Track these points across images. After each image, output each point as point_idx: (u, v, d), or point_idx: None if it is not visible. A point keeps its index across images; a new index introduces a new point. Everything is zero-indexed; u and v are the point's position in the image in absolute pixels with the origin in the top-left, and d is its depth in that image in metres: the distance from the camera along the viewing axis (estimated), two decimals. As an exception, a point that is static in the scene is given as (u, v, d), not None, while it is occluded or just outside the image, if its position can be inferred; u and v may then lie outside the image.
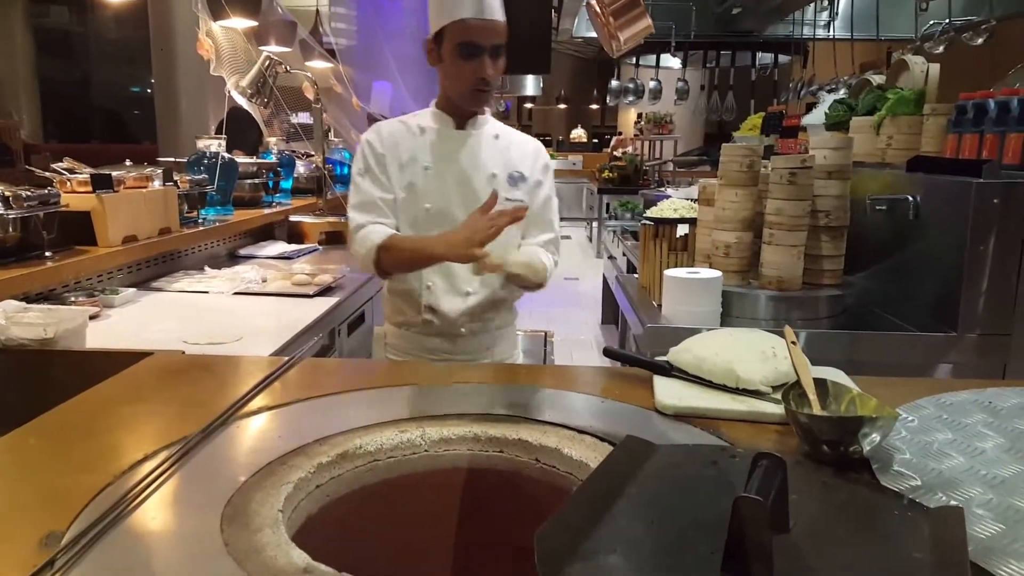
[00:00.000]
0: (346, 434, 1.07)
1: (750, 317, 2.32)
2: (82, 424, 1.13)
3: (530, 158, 1.86)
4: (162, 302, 2.26)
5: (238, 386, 1.27)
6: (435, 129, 1.81)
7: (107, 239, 2.23)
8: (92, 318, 1.94)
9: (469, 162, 1.79)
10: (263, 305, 2.26)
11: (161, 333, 1.86)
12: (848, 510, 0.85)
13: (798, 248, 2.27)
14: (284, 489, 0.91)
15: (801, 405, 1.03)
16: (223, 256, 3.19)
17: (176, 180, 2.78)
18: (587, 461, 1.00)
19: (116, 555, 0.77)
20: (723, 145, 2.44)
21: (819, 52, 5.41)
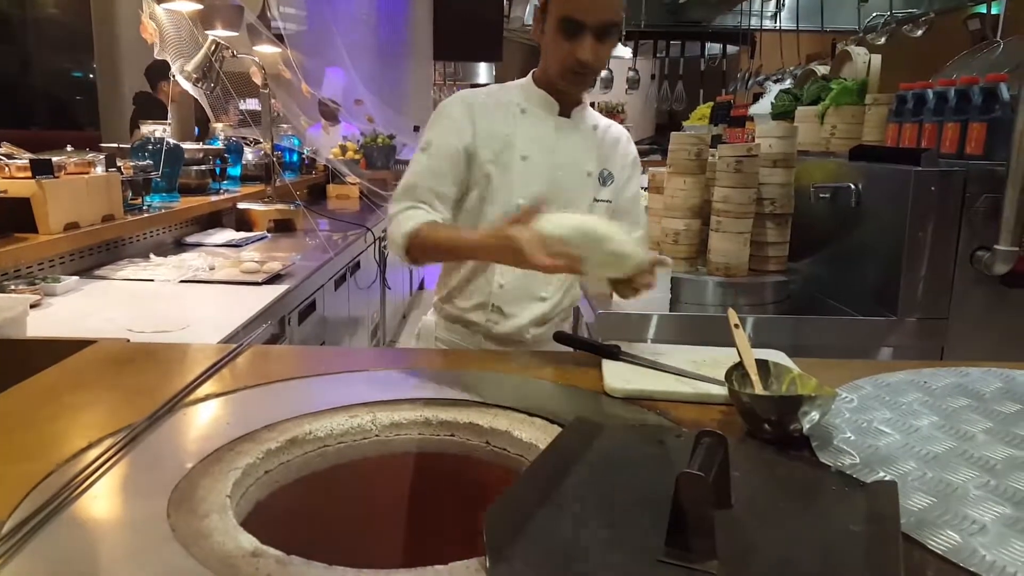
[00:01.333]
0: (295, 420, 1.06)
1: (699, 302, 2.36)
2: (23, 413, 1.10)
3: (620, 154, 1.68)
4: (106, 290, 2.20)
5: (185, 374, 1.25)
6: (537, 113, 1.60)
7: (48, 226, 2.16)
8: (33, 307, 1.89)
9: (568, 156, 1.60)
10: (210, 293, 2.22)
11: (105, 322, 1.82)
12: (788, 486, 0.88)
13: (744, 235, 2.32)
14: (232, 475, 0.90)
15: (743, 385, 1.06)
16: (169, 244, 3.12)
17: (120, 166, 2.71)
18: (537, 443, 1.01)
19: (59, 543, 0.76)
20: (672, 134, 2.47)
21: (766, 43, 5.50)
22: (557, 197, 1.55)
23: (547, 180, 1.58)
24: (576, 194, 1.60)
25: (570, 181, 1.60)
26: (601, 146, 1.65)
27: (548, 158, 1.58)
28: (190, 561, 0.72)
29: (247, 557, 0.73)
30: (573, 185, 1.61)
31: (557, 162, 1.59)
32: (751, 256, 2.37)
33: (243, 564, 0.72)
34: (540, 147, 1.58)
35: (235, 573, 0.71)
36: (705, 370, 1.25)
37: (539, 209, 1.32)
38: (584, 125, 1.63)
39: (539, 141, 1.59)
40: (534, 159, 1.57)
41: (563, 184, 1.59)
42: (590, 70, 1.49)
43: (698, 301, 2.36)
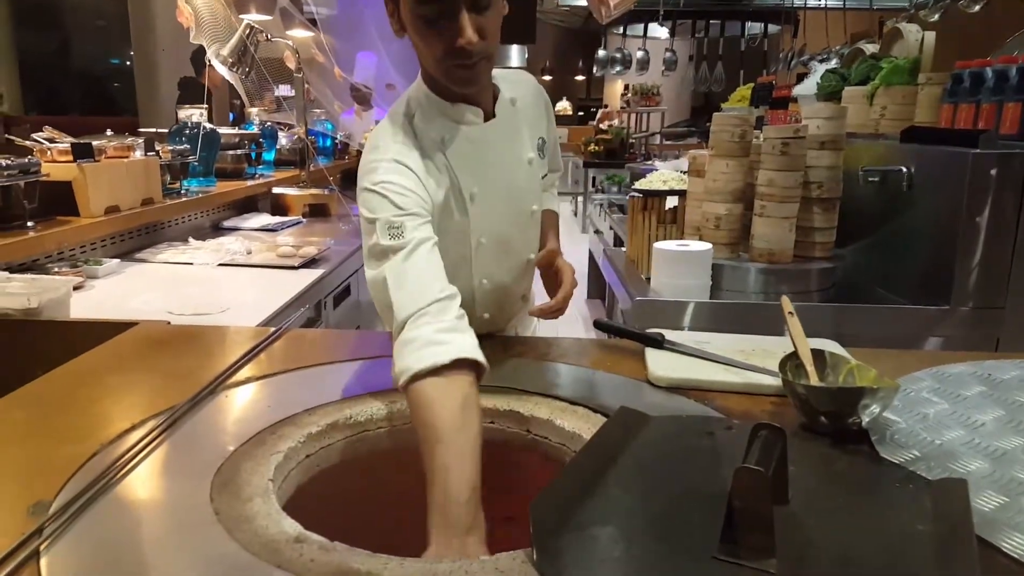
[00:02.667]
0: (335, 404, 1.05)
1: (740, 290, 2.31)
2: (67, 394, 1.11)
3: (539, 110, 1.44)
4: (146, 273, 2.22)
5: (225, 356, 1.25)
6: (464, 133, 1.27)
7: (89, 209, 2.18)
8: (76, 288, 1.90)
9: (508, 162, 1.34)
10: (248, 277, 2.23)
11: (145, 304, 1.83)
12: (848, 482, 0.85)
13: (789, 220, 2.26)
14: (274, 459, 0.90)
15: (798, 376, 1.02)
16: (207, 228, 3.14)
17: (158, 150, 2.73)
18: (580, 432, 0.99)
19: (105, 523, 0.76)
20: (714, 115, 2.41)
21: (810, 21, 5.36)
22: (513, 207, 1.38)
23: (499, 205, 1.35)
24: (528, 190, 1.40)
25: (519, 185, 1.38)
26: (525, 115, 1.38)
27: (494, 182, 1.33)
28: (233, 545, 0.72)
29: (290, 543, 0.72)
30: (523, 183, 1.39)
31: (501, 175, 1.34)
32: (796, 242, 2.30)
33: (286, 549, 0.71)
34: (481, 175, 1.30)
35: (278, 558, 0.70)
36: (755, 359, 1.21)
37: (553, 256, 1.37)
38: (503, 109, 1.33)
39: (476, 167, 1.29)
40: (482, 193, 1.31)
41: (514, 195, 1.38)
42: (481, 55, 1.14)
43: (740, 288, 2.31)
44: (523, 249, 1.43)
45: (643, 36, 6.41)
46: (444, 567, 0.69)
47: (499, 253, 1.38)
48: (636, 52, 6.67)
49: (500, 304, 1.46)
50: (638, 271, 2.62)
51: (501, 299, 1.45)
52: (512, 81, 1.39)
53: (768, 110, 4.07)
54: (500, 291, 1.43)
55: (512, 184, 1.36)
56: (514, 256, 1.42)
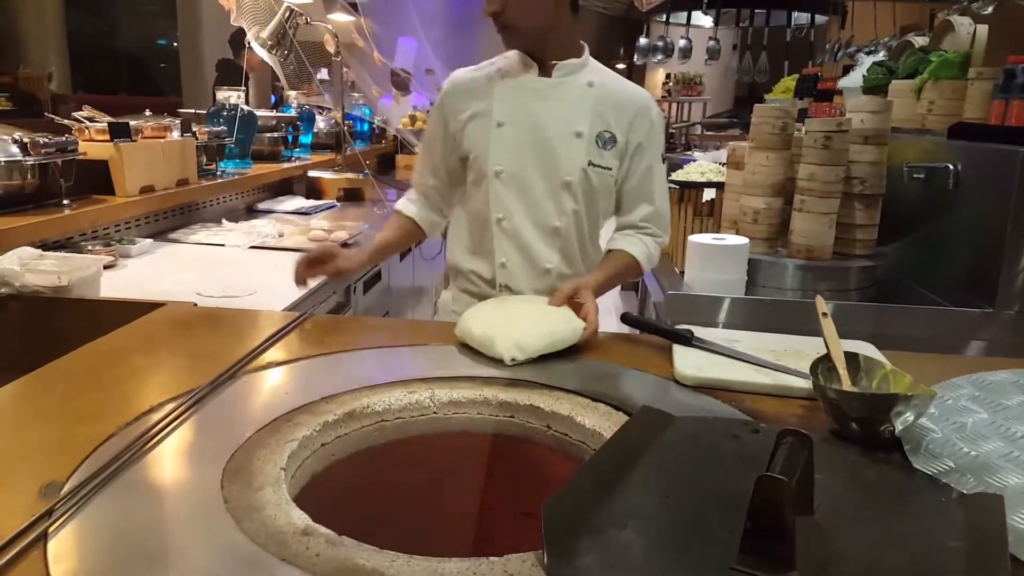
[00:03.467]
0: (353, 393, 1.04)
1: (777, 286, 2.26)
2: (90, 373, 1.11)
3: (628, 116, 1.53)
4: (178, 253, 2.24)
5: (248, 340, 1.25)
6: (516, 76, 1.52)
7: (124, 188, 2.21)
8: (108, 267, 1.93)
9: (550, 117, 1.50)
10: (278, 260, 2.23)
11: (176, 284, 1.85)
12: (877, 492, 0.82)
13: (830, 216, 2.20)
14: (288, 447, 0.89)
15: (830, 380, 0.99)
16: (241, 209, 3.16)
17: (195, 131, 2.75)
18: (600, 430, 0.97)
19: (114, 507, 0.75)
20: (755, 106, 2.36)
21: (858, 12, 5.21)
22: (543, 162, 1.50)
23: (529, 143, 1.50)
24: (565, 158, 1.50)
25: (556, 144, 1.50)
26: (598, 104, 1.51)
27: (527, 121, 1.50)
28: (240, 535, 0.71)
29: (297, 535, 0.71)
30: (560, 148, 1.50)
31: (538, 124, 1.50)
32: (836, 238, 2.25)
33: (293, 542, 0.70)
34: (516, 111, 1.51)
35: (284, 550, 0.69)
36: (786, 360, 1.18)
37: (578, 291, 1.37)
38: (572, 82, 1.51)
39: (515, 105, 1.51)
40: (509, 125, 1.50)
41: (546, 148, 1.50)
42: (504, 22, 1.44)
43: (776, 285, 2.26)
44: (548, 209, 1.52)
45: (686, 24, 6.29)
46: (451, 566, 0.68)
47: (518, 193, 1.51)
48: (679, 40, 6.56)
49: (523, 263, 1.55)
50: (672, 264, 2.58)
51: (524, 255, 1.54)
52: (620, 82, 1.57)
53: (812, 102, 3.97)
54: (520, 244, 1.53)
55: (543, 136, 1.50)
56: (534, 207, 1.52)
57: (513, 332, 1.19)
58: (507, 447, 1.05)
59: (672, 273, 2.46)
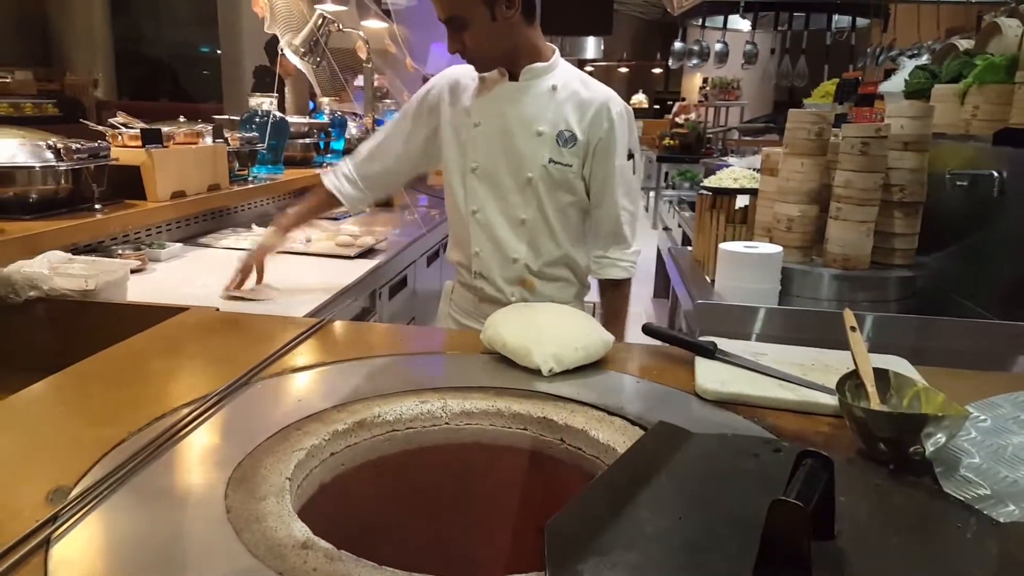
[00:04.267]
0: (365, 401, 1.03)
1: (811, 296, 2.21)
2: (107, 377, 1.12)
3: (589, 115, 1.65)
4: (206, 258, 2.26)
5: (266, 345, 1.25)
6: (491, 81, 1.68)
7: (156, 194, 2.24)
8: (137, 271, 1.96)
9: (516, 117, 1.65)
10: (304, 265, 2.24)
11: (201, 289, 1.86)
12: (903, 518, 0.77)
13: (867, 224, 2.14)
14: (295, 456, 0.88)
15: (857, 397, 0.95)
16: (273, 214, 3.18)
17: (227, 137, 2.78)
18: (615, 445, 0.94)
19: (118, 515, 0.75)
20: (790, 111, 2.31)
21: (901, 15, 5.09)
22: (511, 159, 1.67)
23: (498, 142, 1.67)
24: (528, 156, 1.65)
25: (520, 142, 1.66)
26: (562, 106, 1.66)
27: (497, 122, 1.67)
28: (238, 545, 0.70)
29: (296, 548, 0.70)
30: (524, 145, 1.66)
31: (506, 125, 1.67)
32: (874, 247, 2.19)
33: (291, 555, 0.69)
34: (490, 112, 1.68)
35: (281, 564, 0.68)
36: (813, 376, 1.13)
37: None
38: (536, 85, 1.67)
39: (489, 108, 1.68)
40: (485, 125, 1.68)
41: (513, 147, 1.66)
42: (469, 57, 1.62)
43: (811, 295, 2.21)
44: (515, 202, 1.69)
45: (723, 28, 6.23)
46: (451, 586, 0.66)
47: (490, 187, 1.68)
48: (715, 44, 6.49)
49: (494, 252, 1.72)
50: (703, 272, 2.53)
51: (495, 245, 1.71)
52: (586, 84, 1.69)
53: (852, 107, 3.89)
54: (492, 234, 1.71)
55: (510, 135, 1.66)
56: (503, 200, 1.69)
57: (549, 343, 1.18)
58: (519, 460, 1.02)
59: (703, 282, 2.42)
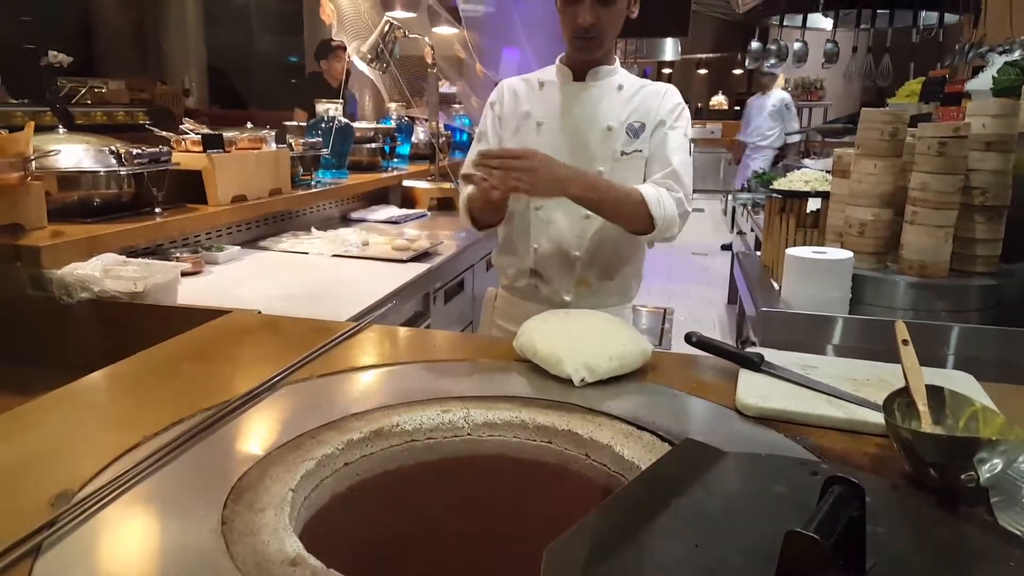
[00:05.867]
0: (385, 410, 1.00)
1: (886, 305, 2.09)
2: (136, 379, 1.13)
3: (655, 104, 1.71)
4: (263, 261, 2.30)
5: (303, 349, 1.24)
6: (554, 83, 1.73)
7: (216, 198, 2.28)
8: (192, 274, 2.00)
9: (584, 115, 1.69)
10: (358, 268, 2.25)
11: (252, 291, 1.89)
12: (948, 552, 0.70)
13: (945, 229, 2.01)
14: (304, 466, 0.86)
15: (907, 418, 0.86)
16: (336, 218, 3.23)
17: (290, 143, 2.83)
18: (639, 463, 0.88)
19: (113, 523, 0.74)
20: (862, 110, 2.19)
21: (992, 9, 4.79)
22: (578, 154, 1.66)
23: (565, 139, 1.68)
24: (597, 149, 1.68)
25: (589, 138, 1.69)
26: (629, 102, 1.70)
27: (563, 120, 1.70)
28: (226, 560, 0.68)
29: (285, 564, 0.67)
30: (593, 141, 1.68)
31: (574, 123, 1.69)
32: (953, 254, 2.05)
33: (278, 571, 0.66)
34: (554, 112, 1.70)
35: (268, 581, 0.65)
36: (866, 391, 1.05)
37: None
38: (602, 85, 1.70)
39: (553, 107, 1.70)
40: (548, 124, 1.70)
41: (581, 142, 1.68)
42: (593, 34, 1.60)
43: (886, 304, 2.09)
44: None
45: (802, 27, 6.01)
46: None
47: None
48: (793, 44, 6.28)
49: (554, 249, 1.70)
50: (770, 278, 2.43)
51: (555, 242, 1.70)
52: (644, 83, 1.74)
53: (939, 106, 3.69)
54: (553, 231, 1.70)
55: (578, 132, 1.68)
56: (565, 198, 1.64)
57: (582, 352, 1.14)
58: (542, 475, 0.98)
59: (769, 288, 2.32)
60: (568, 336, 1.18)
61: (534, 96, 1.74)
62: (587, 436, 0.96)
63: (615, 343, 1.17)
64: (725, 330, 5.11)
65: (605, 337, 1.19)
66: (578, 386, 1.10)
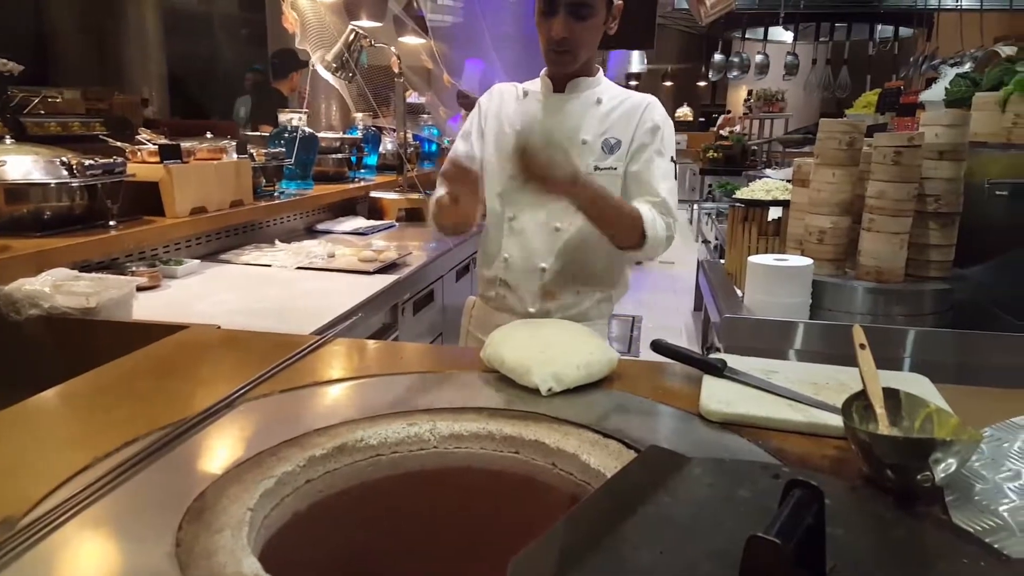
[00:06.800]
0: (349, 424, 0.99)
1: (844, 311, 2.13)
2: (87, 398, 1.10)
3: (633, 121, 1.68)
4: (223, 275, 2.27)
5: (263, 364, 1.21)
6: (535, 93, 1.74)
7: (174, 210, 2.25)
8: (149, 288, 1.96)
9: (560, 127, 1.67)
10: (322, 281, 2.23)
11: (212, 306, 1.86)
12: (906, 551, 0.71)
13: (901, 236, 2.06)
14: (263, 484, 0.84)
15: (865, 420, 0.88)
16: (301, 230, 3.20)
17: (252, 153, 2.80)
18: (605, 471, 0.89)
19: (60, 549, 0.71)
20: (821, 120, 2.24)
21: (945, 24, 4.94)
22: None
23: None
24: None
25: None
26: (607, 117, 1.68)
27: (538, 131, 1.61)
28: (180, 583, 0.66)
29: (244, 584, 0.66)
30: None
31: (547, 134, 1.60)
32: (908, 260, 2.11)
33: (236, 592, 0.65)
34: (532, 121, 1.69)
35: (225, 602, 0.64)
36: (827, 395, 1.07)
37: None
38: (581, 98, 1.70)
39: (531, 116, 1.70)
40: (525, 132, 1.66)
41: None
42: (566, 48, 1.60)
43: (844, 308, 2.13)
44: (554, 210, 1.67)
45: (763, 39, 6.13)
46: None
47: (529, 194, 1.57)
48: (756, 56, 6.39)
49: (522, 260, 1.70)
50: (735, 286, 2.47)
51: (524, 253, 1.70)
52: (628, 95, 1.72)
53: (894, 117, 3.79)
54: (523, 241, 1.70)
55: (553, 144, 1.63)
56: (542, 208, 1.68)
57: (550, 361, 1.14)
58: (509, 486, 0.97)
59: (733, 295, 2.35)
60: (536, 346, 1.18)
61: (515, 105, 1.74)
62: (554, 446, 0.96)
63: (582, 352, 1.18)
64: (692, 337, 5.15)
65: (572, 346, 1.20)
66: (546, 396, 1.10)
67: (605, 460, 0.92)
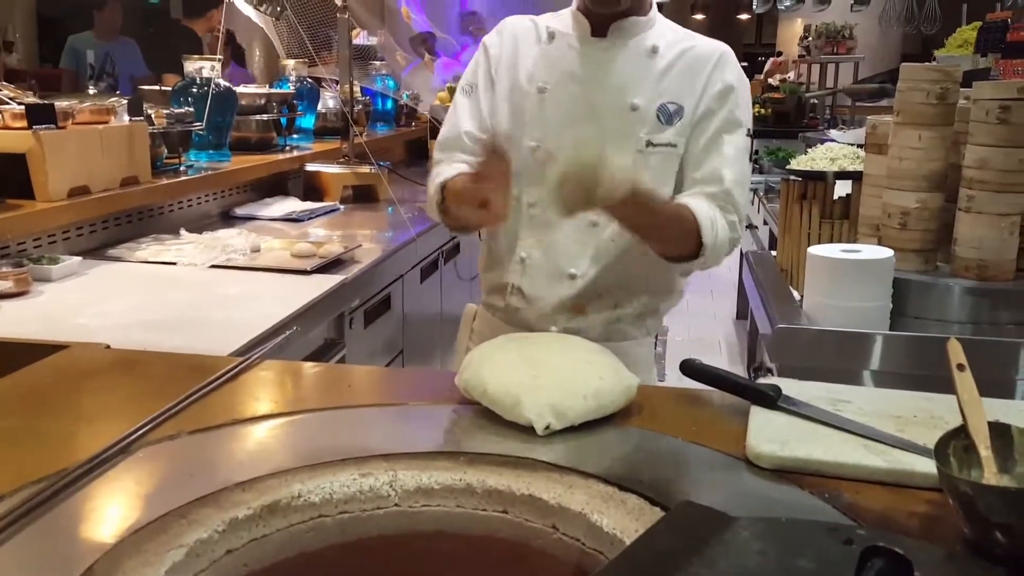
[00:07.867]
0: (283, 475, 1.00)
1: (936, 318, 2.16)
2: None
3: (700, 81, 1.63)
4: (113, 276, 2.27)
5: (169, 395, 1.22)
6: (566, 36, 1.66)
7: (47, 191, 2.24)
8: (16, 296, 1.96)
9: (602, 86, 1.62)
10: (244, 283, 2.24)
11: (99, 318, 1.86)
12: (1021, 641, 0.72)
13: (1010, 218, 2.09)
14: (170, 556, 0.85)
15: (966, 466, 0.89)
16: (215, 216, 3.21)
17: (149, 114, 2.79)
18: (623, 536, 0.90)
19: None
20: (903, 66, 2.27)
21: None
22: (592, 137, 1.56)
23: (573, 116, 1.62)
24: (615, 134, 1.60)
25: (605, 119, 1.62)
26: (665, 74, 1.63)
27: (575, 90, 1.63)
28: None
29: None
30: (609, 124, 1.62)
31: (587, 94, 1.63)
32: (1021, 250, 2.14)
33: None
34: (563, 77, 1.64)
35: None
36: (913, 432, 1.09)
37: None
38: (631, 45, 1.63)
39: (562, 70, 1.65)
40: (554, 92, 1.64)
41: (594, 124, 1.61)
42: None
43: (936, 316, 2.16)
44: None
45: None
46: None
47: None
48: (815, -21, 6.46)
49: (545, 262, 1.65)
50: (790, 286, 2.49)
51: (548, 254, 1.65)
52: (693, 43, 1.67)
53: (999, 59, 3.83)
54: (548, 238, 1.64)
55: (591, 108, 1.62)
56: None
57: (547, 390, 1.15)
58: (495, 555, 0.99)
59: (788, 299, 2.38)
60: (528, 369, 1.19)
61: (538, 51, 1.68)
62: (554, 502, 0.97)
63: (590, 376, 1.19)
64: (734, 354, 5.20)
65: (577, 369, 1.21)
66: (542, 435, 1.11)
67: (622, 521, 0.93)
